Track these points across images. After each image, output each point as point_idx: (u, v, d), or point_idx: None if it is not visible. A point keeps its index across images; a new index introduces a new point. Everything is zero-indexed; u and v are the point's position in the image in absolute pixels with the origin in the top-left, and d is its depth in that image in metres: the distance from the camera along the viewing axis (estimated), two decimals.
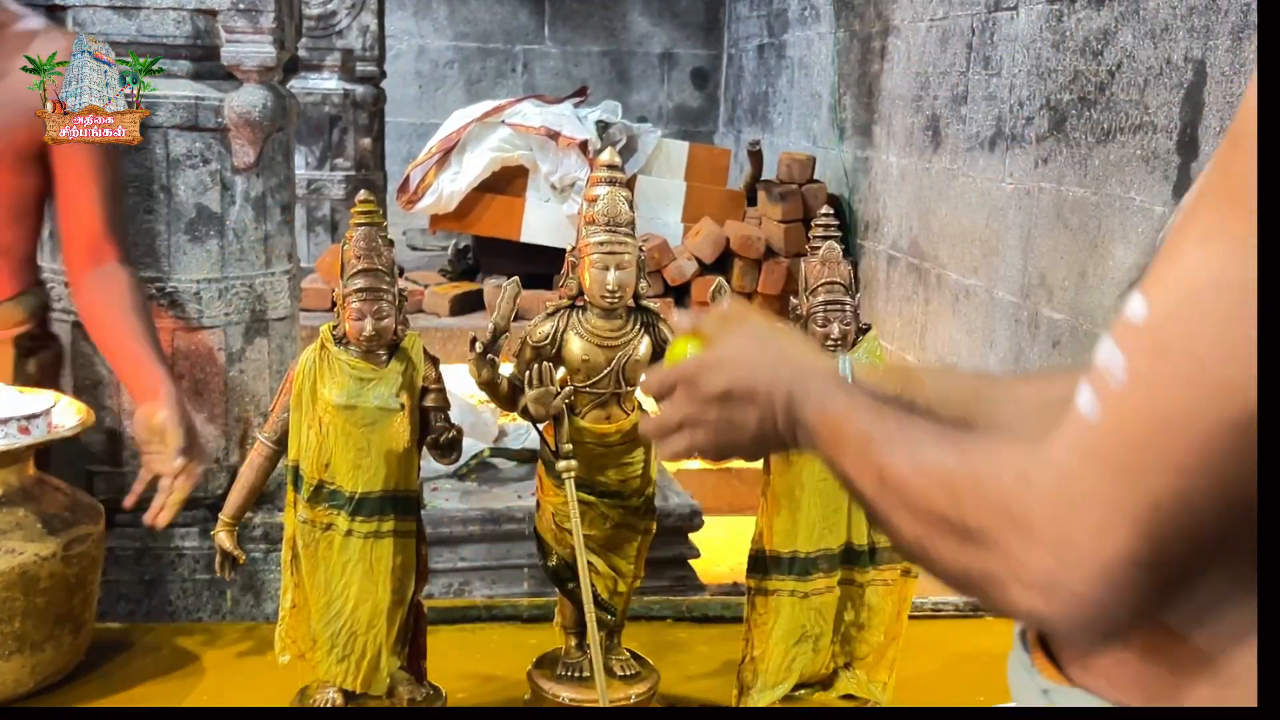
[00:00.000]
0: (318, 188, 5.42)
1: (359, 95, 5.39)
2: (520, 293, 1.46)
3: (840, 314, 1.47)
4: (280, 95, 2.41)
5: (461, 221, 5.02)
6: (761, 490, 1.52)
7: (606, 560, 1.53)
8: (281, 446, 1.49)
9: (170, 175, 2.18)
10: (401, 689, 1.52)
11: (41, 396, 1.69)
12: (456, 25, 7.12)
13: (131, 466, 2.35)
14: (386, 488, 1.45)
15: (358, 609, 1.47)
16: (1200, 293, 0.60)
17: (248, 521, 2.37)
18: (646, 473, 1.52)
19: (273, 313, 2.48)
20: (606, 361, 1.46)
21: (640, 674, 1.56)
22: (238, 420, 2.48)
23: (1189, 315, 0.60)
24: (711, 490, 5.25)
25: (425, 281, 5.06)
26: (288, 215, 2.52)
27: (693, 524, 3.50)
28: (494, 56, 7.16)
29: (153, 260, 2.16)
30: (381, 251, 1.44)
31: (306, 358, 1.45)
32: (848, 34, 5.00)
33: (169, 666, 1.70)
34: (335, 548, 1.46)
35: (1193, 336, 0.60)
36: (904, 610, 1.54)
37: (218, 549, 1.53)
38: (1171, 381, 0.60)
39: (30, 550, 1.55)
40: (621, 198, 1.45)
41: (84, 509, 1.66)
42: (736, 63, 7.01)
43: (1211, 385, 0.59)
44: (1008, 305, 3.52)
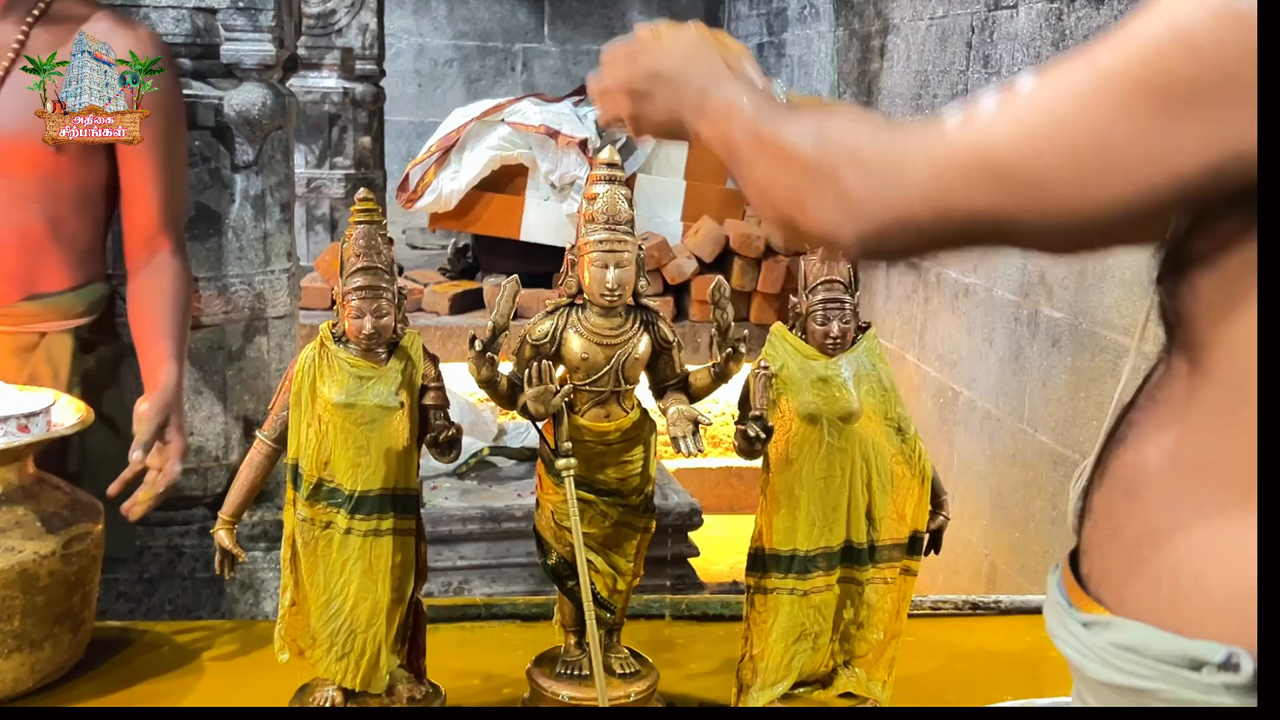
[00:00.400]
0: (317, 186, 5.42)
1: (358, 94, 5.40)
2: (519, 291, 1.46)
3: (840, 312, 1.47)
4: (279, 94, 2.41)
5: (461, 220, 5.02)
6: (761, 488, 1.52)
7: (606, 558, 1.53)
8: (281, 445, 1.49)
9: None
10: (401, 687, 1.52)
11: (41, 395, 1.69)
12: (456, 24, 7.12)
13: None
14: (386, 486, 1.45)
15: (357, 607, 1.47)
16: (1064, 77, 0.77)
17: (247, 520, 2.37)
18: (646, 471, 1.52)
19: (272, 311, 2.48)
20: (606, 360, 1.46)
21: (639, 672, 1.56)
22: (237, 418, 2.48)
23: (1054, 85, 0.78)
24: (711, 489, 5.26)
25: (425, 280, 5.07)
26: (287, 214, 2.52)
27: (692, 522, 3.50)
28: (493, 55, 7.16)
29: None
30: (381, 250, 1.44)
31: (306, 356, 1.45)
32: (847, 32, 5.00)
33: (168, 665, 1.70)
34: (334, 546, 1.46)
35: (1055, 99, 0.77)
36: (903, 608, 1.54)
37: (217, 547, 1.53)
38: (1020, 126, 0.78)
39: (30, 549, 1.55)
40: (621, 196, 1.45)
41: (83, 507, 1.66)
42: None
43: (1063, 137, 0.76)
44: (1007, 304, 3.52)
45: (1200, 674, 0.75)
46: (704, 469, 5.37)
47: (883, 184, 0.84)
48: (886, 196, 0.84)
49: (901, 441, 1.49)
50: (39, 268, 1.93)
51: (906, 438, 1.49)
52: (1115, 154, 0.75)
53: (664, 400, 1.52)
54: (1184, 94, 0.72)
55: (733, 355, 1.47)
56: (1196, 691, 0.76)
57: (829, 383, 1.46)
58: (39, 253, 1.93)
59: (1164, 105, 0.73)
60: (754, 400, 1.45)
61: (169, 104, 1.96)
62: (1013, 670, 1.67)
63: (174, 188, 1.99)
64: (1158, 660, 0.78)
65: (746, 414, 1.46)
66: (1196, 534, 0.78)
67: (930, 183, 0.82)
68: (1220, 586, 0.77)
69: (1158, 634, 0.79)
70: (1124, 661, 0.81)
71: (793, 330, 1.50)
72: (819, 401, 1.46)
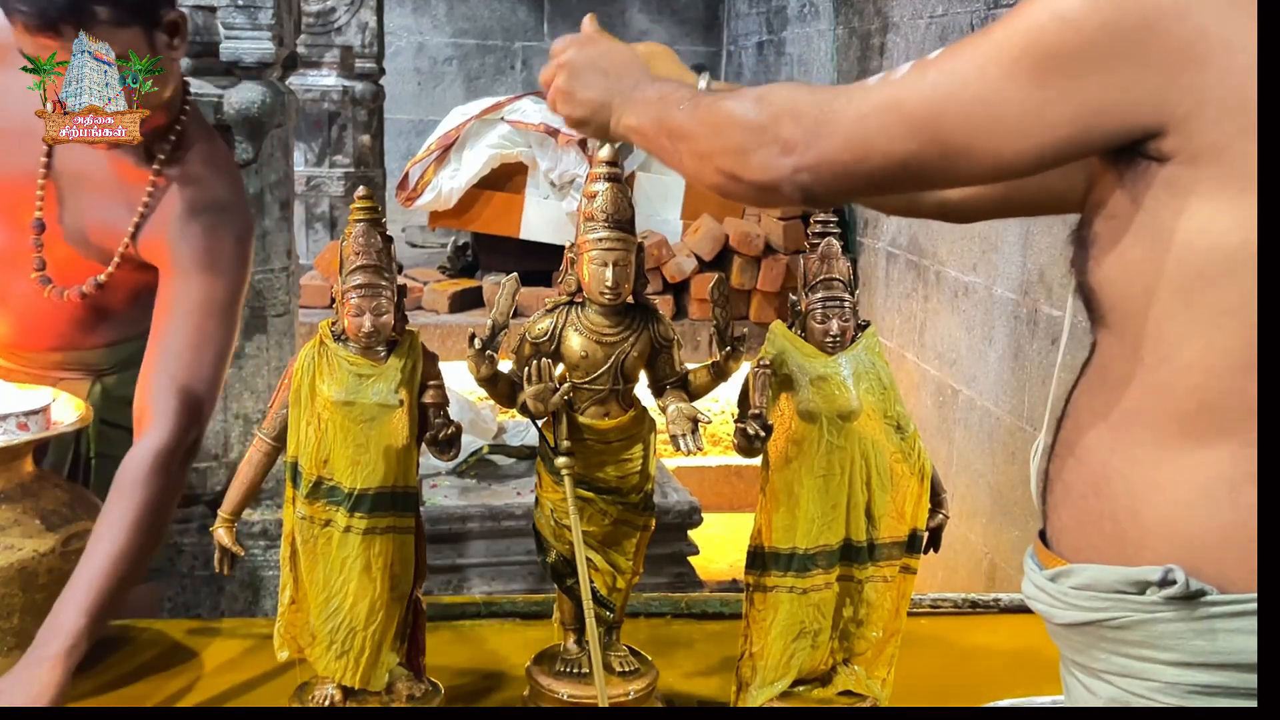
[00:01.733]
0: (316, 184, 5.41)
1: (358, 92, 5.39)
2: (519, 289, 1.46)
3: (839, 310, 1.47)
4: (279, 92, 2.41)
5: (461, 218, 5.01)
6: (760, 487, 1.52)
7: (605, 557, 1.53)
8: (280, 443, 1.49)
9: None
10: (400, 685, 1.52)
11: (39, 393, 1.69)
12: (455, 22, 7.12)
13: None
14: (385, 484, 1.45)
15: (356, 605, 1.47)
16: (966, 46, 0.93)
17: (247, 518, 2.37)
18: (645, 469, 1.52)
19: (271, 309, 2.49)
20: (605, 358, 1.46)
21: (639, 670, 1.56)
22: (236, 416, 2.48)
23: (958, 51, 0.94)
24: (711, 487, 5.26)
25: (424, 278, 5.06)
26: (286, 212, 2.52)
27: (692, 521, 3.50)
28: (493, 53, 7.15)
29: None
30: (380, 248, 1.44)
31: (305, 354, 1.45)
32: (847, 31, 5.00)
33: (167, 663, 1.70)
34: (334, 544, 1.46)
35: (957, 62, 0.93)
36: (903, 606, 1.55)
37: (216, 545, 1.53)
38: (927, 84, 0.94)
39: (29, 546, 1.55)
40: (621, 194, 1.45)
41: (82, 505, 1.66)
42: (736, 60, 7.00)
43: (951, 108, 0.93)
44: (1007, 302, 3.52)
45: (1145, 595, 0.90)
46: (703, 467, 5.37)
47: (814, 129, 0.98)
48: (817, 141, 0.98)
49: (901, 440, 1.49)
50: (78, 329, 1.85)
51: (906, 436, 1.49)
52: (1001, 109, 0.91)
53: (663, 398, 1.52)
54: (1055, 61, 0.89)
55: (732, 353, 1.47)
56: (1142, 611, 0.91)
57: (828, 381, 1.46)
58: (81, 316, 1.82)
59: (1039, 70, 0.89)
60: (753, 398, 1.45)
61: (226, 235, 1.72)
62: (1012, 668, 1.67)
63: (196, 347, 1.67)
64: (1109, 591, 0.93)
65: (746, 412, 1.46)
66: (1129, 477, 0.93)
67: (853, 127, 0.97)
68: (1152, 517, 0.91)
69: (1107, 569, 0.93)
70: (1083, 599, 0.95)
71: (792, 328, 1.50)
72: (818, 400, 1.46)
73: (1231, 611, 0.88)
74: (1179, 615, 0.89)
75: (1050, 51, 0.89)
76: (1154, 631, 0.91)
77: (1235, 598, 0.88)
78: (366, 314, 1.42)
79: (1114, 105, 0.88)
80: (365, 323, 1.42)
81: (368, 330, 1.43)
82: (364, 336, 1.43)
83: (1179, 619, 0.89)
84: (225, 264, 1.70)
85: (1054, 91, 0.89)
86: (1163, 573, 0.89)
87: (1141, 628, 0.91)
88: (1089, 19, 0.87)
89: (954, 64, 0.94)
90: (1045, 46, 0.89)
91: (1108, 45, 0.87)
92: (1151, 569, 0.90)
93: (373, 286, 1.43)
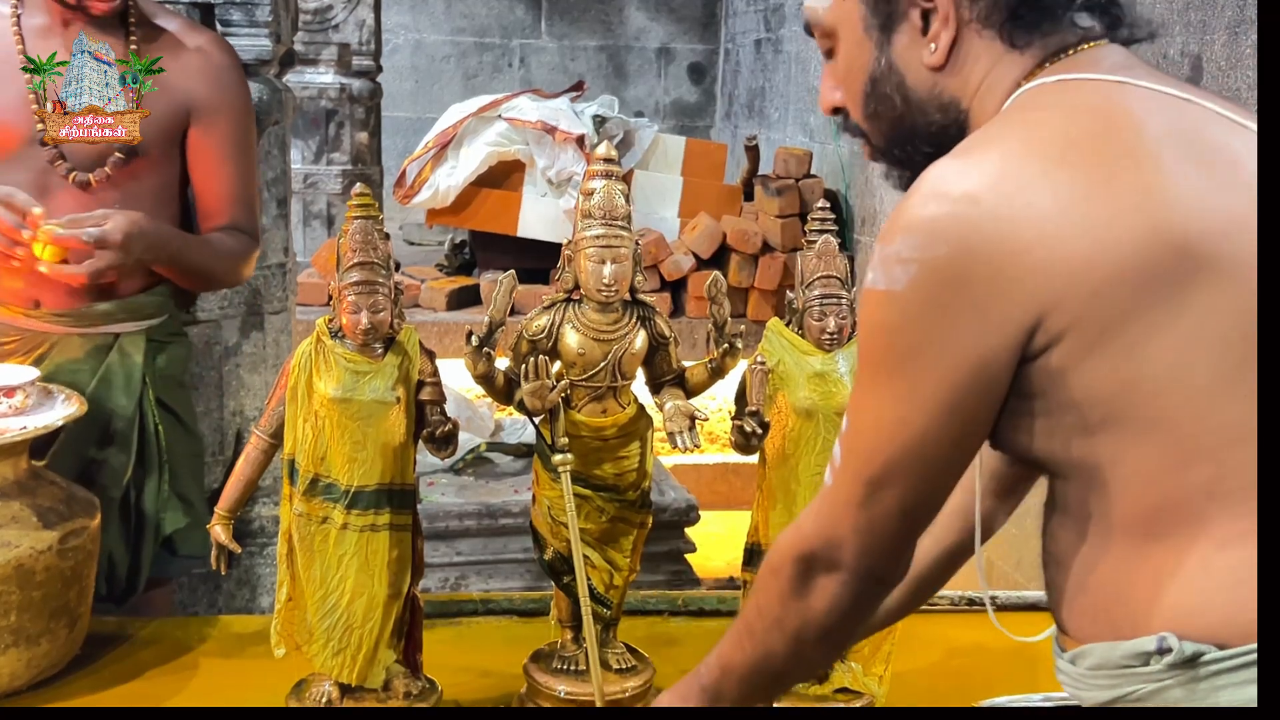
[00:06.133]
0: (314, 182, 5.41)
1: (355, 89, 5.39)
2: (516, 287, 1.46)
3: (837, 308, 1.47)
4: (276, 89, 2.41)
5: (458, 216, 5.01)
6: (757, 484, 1.52)
7: (602, 554, 1.54)
8: (277, 440, 1.49)
9: None
10: (397, 682, 1.52)
11: (21, 369, 1.70)
12: (453, 19, 7.11)
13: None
14: (382, 481, 1.46)
15: (354, 602, 1.47)
16: (863, 413, 1.02)
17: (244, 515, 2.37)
18: (642, 467, 1.52)
19: (268, 307, 2.49)
20: (602, 355, 1.47)
21: (636, 668, 1.56)
22: (233, 413, 2.48)
23: (858, 426, 1.03)
24: (708, 485, 5.26)
25: (421, 276, 5.06)
26: (283, 209, 2.52)
27: (689, 518, 3.50)
28: (490, 51, 7.15)
29: None
30: (378, 245, 1.45)
31: (302, 351, 1.45)
32: None
33: (165, 660, 1.69)
34: (331, 541, 1.46)
35: (858, 437, 1.03)
36: None
37: (214, 543, 1.53)
38: (854, 460, 1.03)
39: (26, 544, 1.55)
40: (618, 192, 1.45)
41: (80, 502, 1.66)
42: (734, 58, 7.00)
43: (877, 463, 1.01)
44: None
45: (1150, 666, 0.94)
46: (701, 464, 5.36)
47: (837, 546, 1.05)
48: (841, 550, 1.05)
49: None
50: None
51: None
52: (915, 418, 0.98)
53: (661, 396, 1.52)
54: (890, 362, 0.98)
55: (729, 351, 1.47)
56: (1152, 682, 0.94)
57: (825, 378, 1.46)
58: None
59: (883, 375, 0.99)
60: (751, 395, 1.45)
61: (236, 104, 2.00)
62: (1008, 666, 1.67)
63: (244, 180, 2.02)
64: (1118, 668, 0.96)
65: (743, 409, 1.46)
66: (1111, 565, 0.99)
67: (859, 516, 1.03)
68: (1141, 598, 0.96)
69: (1113, 646, 0.97)
70: (1100, 679, 0.98)
71: (789, 326, 1.50)
72: (815, 396, 1.46)
73: (1233, 665, 0.91)
74: (1183, 680, 0.93)
75: (883, 356, 0.98)
76: (1169, 698, 0.94)
77: (1234, 651, 0.91)
78: (363, 311, 1.42)
79: (990, 345, 0.94)
80: (362, 320, 1.42)
81: (365, 327, 1.43)
82: (361, 334, 1.43)
83: (1185, 683, 0.93)
84: (228, 99, 1.97)
85: (901, 386, 0.97)
86: (1157, 641, 0.93)
87: (1157, 698, 0.95)
88: (891, 322, 0.97)
89: (856, 422, 1.03)
90: (878, 355, 0.99)
91: (913, 332, 0.96)
92: (1147, 639, 0.94)
93: (370, 284, 1.43)
